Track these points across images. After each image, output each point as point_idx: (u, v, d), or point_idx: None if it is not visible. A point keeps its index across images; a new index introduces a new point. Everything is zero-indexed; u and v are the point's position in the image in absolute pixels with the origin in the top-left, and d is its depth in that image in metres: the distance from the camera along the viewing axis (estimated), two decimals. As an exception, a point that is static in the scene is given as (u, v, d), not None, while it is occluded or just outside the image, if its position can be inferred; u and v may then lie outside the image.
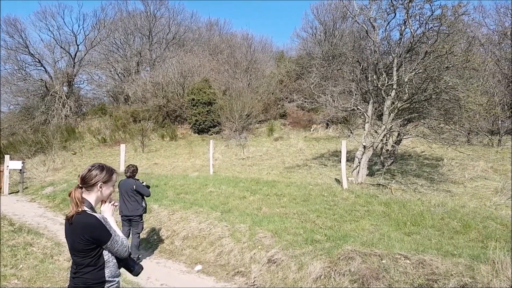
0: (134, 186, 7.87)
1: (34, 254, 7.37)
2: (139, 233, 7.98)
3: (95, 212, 2.82)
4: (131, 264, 3.01)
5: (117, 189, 8.02)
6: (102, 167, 2.93)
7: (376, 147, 14.48)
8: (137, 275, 3.07)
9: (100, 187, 2.88)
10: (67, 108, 32.04)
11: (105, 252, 2.79)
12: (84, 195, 2.84)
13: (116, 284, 2.86)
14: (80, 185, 2.87)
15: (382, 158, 15.25)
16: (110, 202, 2.97)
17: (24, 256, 7.12)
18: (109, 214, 2.93)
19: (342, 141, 12.90)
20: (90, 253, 2.73)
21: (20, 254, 7.20)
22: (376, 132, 14.76)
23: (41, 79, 33.55)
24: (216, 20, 53.57)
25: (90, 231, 2.71)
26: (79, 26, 44.35)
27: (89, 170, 2.90)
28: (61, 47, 34.98)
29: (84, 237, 2.70)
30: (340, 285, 5.72)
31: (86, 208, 2.79)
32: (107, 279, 2.79)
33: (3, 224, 9.63)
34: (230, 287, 6.53)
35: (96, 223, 2.73)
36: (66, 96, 32.61)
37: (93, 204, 2.86)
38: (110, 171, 2.96)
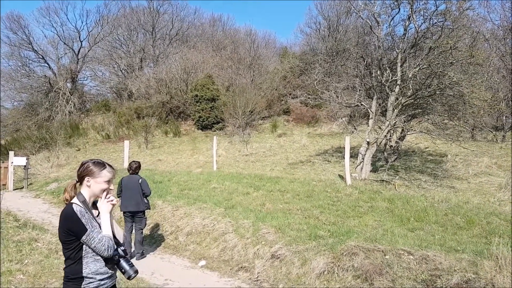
0: (140, 180, 7.91)
1: (39, 249, 7.42)
2: (142, 229, 8.02)
3: (87, 207, 2.81)
4: (123, 266, 2.85)
5: (114, 185, 8.05)
6: (93, 162, 2.90)
7: (380, 143, 14.45)
8: (129, 279, 2.90)
9: (88, 181, 2.85)
10: (71, 104, 32.12)
11: (84, 247, 2.73)
12: (80, 190, 2.87)
13: (97, 282, 2.75)
14: (76, 180, 2.91)
15: (385, 154, 15.22)
16: (107, 198, 2.89)
17: (29, 252, 7.17)
18: (105, 211, 2.86)
19: (345, 137, 12.89)
20: (70, 245, 2.71)
21: (25, 249, 7.25)
22: (380, 128, 14.74)
23: (45, 76, 33.62)
24: (219, 16, 53.56)
25: (65, 222, 2.71)
26: (82, 23, 44.48)
27: (81, 165, 2.92)
28: (65, 44, 35.02)
29: (63, 227, 2.72)
30: (343, 281, 5.74)
31: (75, 201, 2.80)
32: (85, 275, 2.72)
33: (8, 220, 9.69)
34: (234, 283, 6.55)
35: (71, 214, 2.70)
36: (69, 92, 32.69)
37: (86, 198, 2.84)
38: (100, 166, 2.89)
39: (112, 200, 2.89)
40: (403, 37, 13.82)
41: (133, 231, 8.03)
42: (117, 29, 36.26)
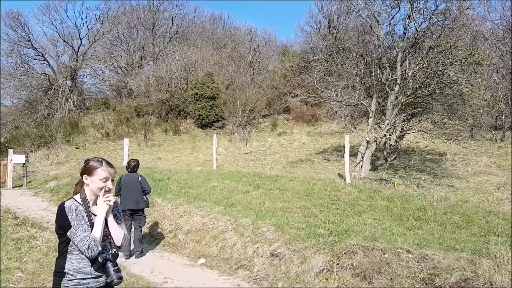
0: (140, 178, 7.92)
1: (38, 247, 7.42)
2: (141, 227, 8.03)
3: (87, 204, 2.81)
4: (108, 270, 2.73)
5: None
6: (94, 160, 2.89)
7: (380, 142, 14.45)
8: (110, 283, 2.75)
9: (86, 179, 2.84)
10: (70, 102, 32.11)
11: (71, 243, 2.70)
12: (84, 187, 2.88)
13: (77, 281, 2.70)
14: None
15: (385, 153, 15.24)
16: (104, 197, 2.81)
17: (28, 249, 7.18)
18: (101, 211, 2.79)
19: (345, 136, 12.89)
20: (61, 238, 2.74)
21: (24, 247, 7.25)
22: (379, 127, 14.74)
23: (44, 73, 33.61)
24: (219, 14, 53.45)
25: (56, 215, 2.75)
26: (82, 20, 44.51)
27: (83, 163, 2.95)
28: (64, 41, 35.01)
29: (55, 221, 2.76)
30: (342, 279, 5.75)
31: (76, 197, 2.83)
32: (66, 271, 2.70)
33: (7, 218, 9.69)
34: (233, 281, 6.56)
35: (60, 209, 2.73)
36: (69, 90, 32.67)
37: (87, 196, 2.84)
38: (96, 164, 2.85)
39: (109, 200, 2.82)
40: (403, 36, 13.83)
41: (132, 229, 8.03)
42: (117, 26, 36.22)
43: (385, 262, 5.69)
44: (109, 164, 2.91)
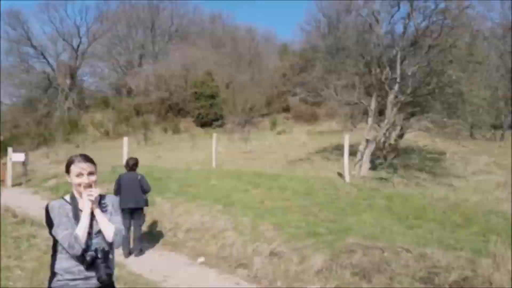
0: (139, 177, 7.90)
1: (38, 245, 7.41)
2: (141, 226, 8.02)
3: (75, 203, 2.75)
4: (96, 267, 2.64)
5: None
6: (71, 157, 2.81)
7: (379, 141, 14.45)
8: (98, 280, 2.64)
9: (67, 178, 2.80)
10: (70, 100, 32.15)
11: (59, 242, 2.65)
12: None
13: (65, 281, 2.63)
14: None
15: (384, 152, 15.23)
16: (87, 193, 2.68)
17: (27, 248, 7.18)
18: (85, 207, 2.68)
19: (345, 135, 12.88)
20: (53, 237, 2.70)
21: (24, 245, 7.25)
22: (379, 126, 14.73)
23: (44, 72, 33.64)
24: (219, 12, 53.33)
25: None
26: (81, 19, 44.22)
27: None
28: (64, 40, 35.03)
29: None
30: (341, 278, 5.74)
31: (65, 196, 2.81)
32: (56, 270, 2.66)
33: (6, 216, 9.68)
34: (233, 279, 6.56)
35: (45, 208, 2.72)
36: (68, 88, 32.70)
37: (74, 192, 2.78)
38: (70, 161, 2.76)
39: (91, 195, 2.69)
40: (402, 35, 13.82)
41: (132, 227, 8.02)
42: (117, 25, 36.18)
43: (385, 261, 5.69)
44: (84, 158, 2.78)
